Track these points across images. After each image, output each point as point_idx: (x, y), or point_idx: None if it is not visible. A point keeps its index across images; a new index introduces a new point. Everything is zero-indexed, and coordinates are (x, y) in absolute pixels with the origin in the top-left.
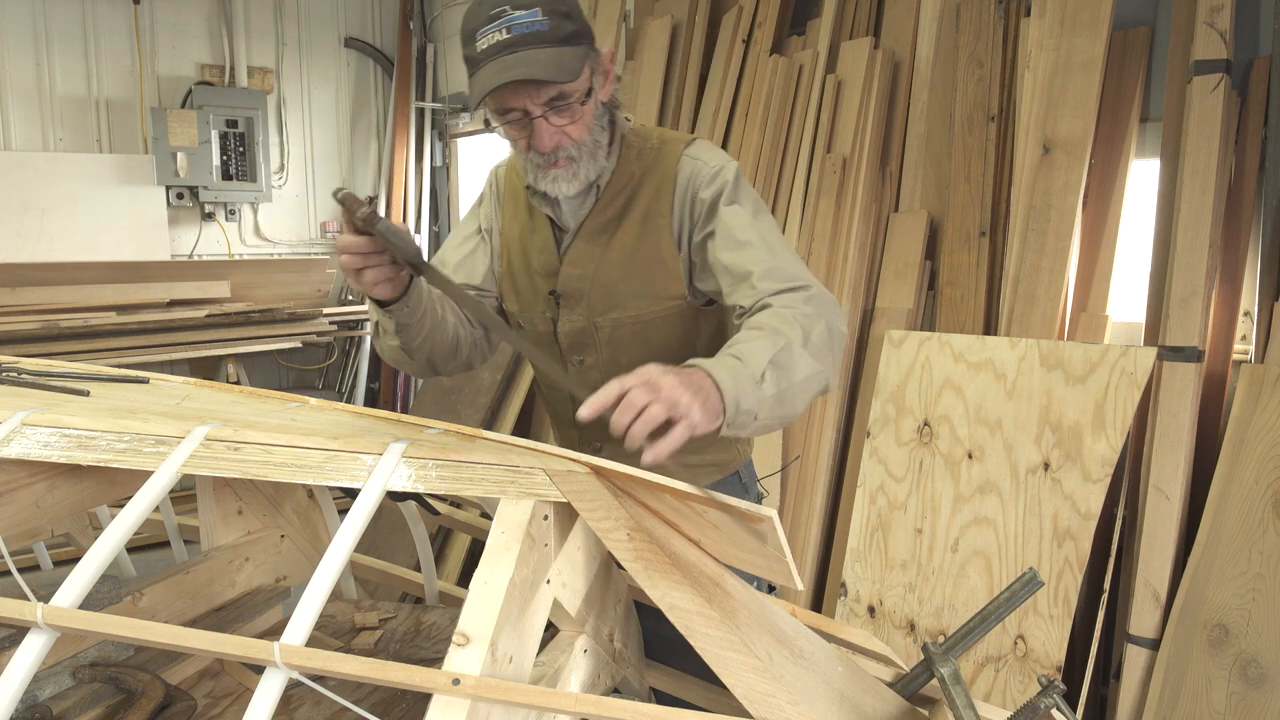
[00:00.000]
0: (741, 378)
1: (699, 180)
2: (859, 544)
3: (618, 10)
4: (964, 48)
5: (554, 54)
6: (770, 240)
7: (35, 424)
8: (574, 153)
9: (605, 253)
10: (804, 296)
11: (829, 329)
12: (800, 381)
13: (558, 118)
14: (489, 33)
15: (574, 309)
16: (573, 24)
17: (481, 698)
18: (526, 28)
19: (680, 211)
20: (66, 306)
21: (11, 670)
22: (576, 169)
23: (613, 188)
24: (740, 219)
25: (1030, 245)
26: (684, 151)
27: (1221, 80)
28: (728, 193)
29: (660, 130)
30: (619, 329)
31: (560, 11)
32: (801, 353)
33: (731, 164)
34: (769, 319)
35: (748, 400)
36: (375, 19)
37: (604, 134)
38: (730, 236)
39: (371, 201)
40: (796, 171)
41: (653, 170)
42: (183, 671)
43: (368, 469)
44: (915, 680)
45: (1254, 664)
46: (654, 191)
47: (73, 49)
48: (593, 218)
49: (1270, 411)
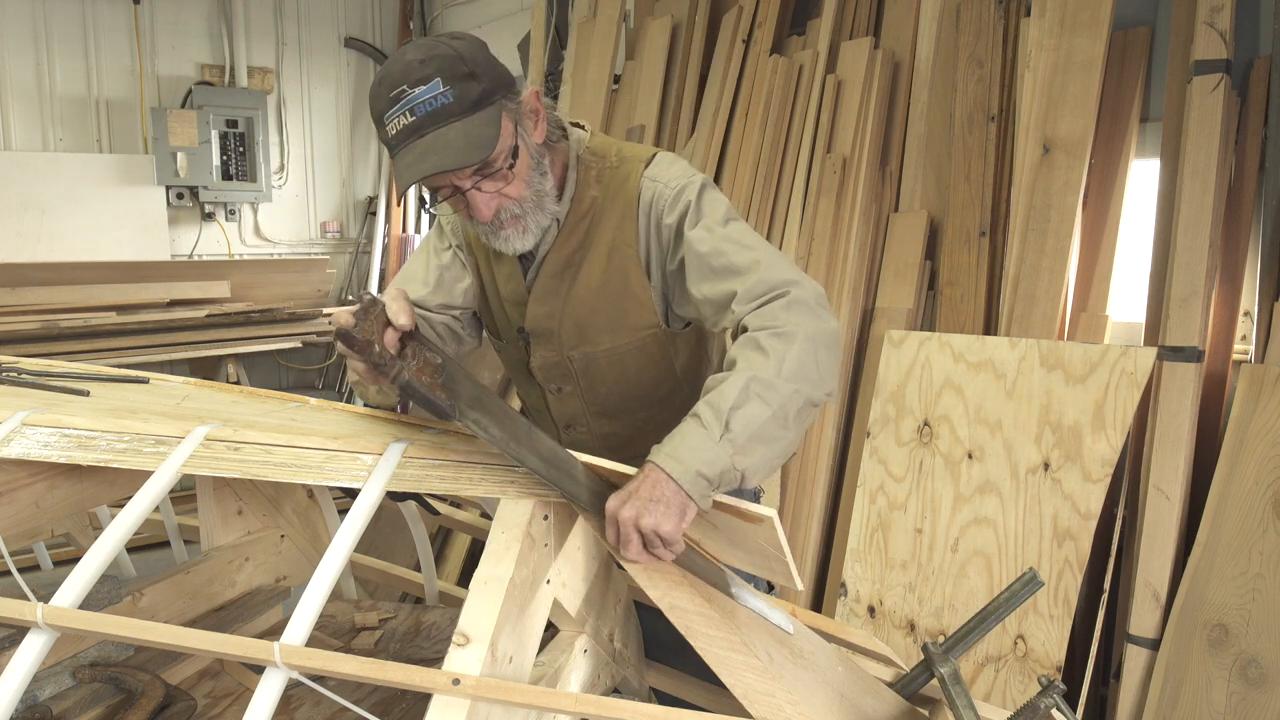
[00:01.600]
0: (698, 446)
1: (661, 205)
2: (859, 544)
3: (618, 10)
4: (964, 48)
5: (463, 129)
6: (743, 249)
7: (35, 424)
8: (517, 210)
9: (572, 288)
10: (783, 304)
11: (810, 339)
12: (775, 411)
13: (490, 184)
14: (394, 116)
15: (545, 345)
16: (479, 83)
17: (481, 698)
18: (430, 105)
19: (646, 240)
20: (66, 306)
21: (11, 670)
22: (525, 223)
23: (573, 216)
24: (708, 242)
25: (1030, 245)
26: (644, 173)
27: (1221, 80)
28: (691, 214)
29: (619, 145)
30: (593, 362)
31: (461, 74)
32: (770, 381)
33: (694, 180)
34: (739, 353)
35: (715, 465)
36: (375, 19)
37: (545, 179)
38: (704, 265)
39: (374, 304)
40: (796, 171)
41: (613, 196)
42: (183, 671)
43: (368, 469)
44: (915, 680)
45: (1254, 664)
46: (617, 221)
47: (73, 49)
48: (555, 251)
49: (1270, 411)
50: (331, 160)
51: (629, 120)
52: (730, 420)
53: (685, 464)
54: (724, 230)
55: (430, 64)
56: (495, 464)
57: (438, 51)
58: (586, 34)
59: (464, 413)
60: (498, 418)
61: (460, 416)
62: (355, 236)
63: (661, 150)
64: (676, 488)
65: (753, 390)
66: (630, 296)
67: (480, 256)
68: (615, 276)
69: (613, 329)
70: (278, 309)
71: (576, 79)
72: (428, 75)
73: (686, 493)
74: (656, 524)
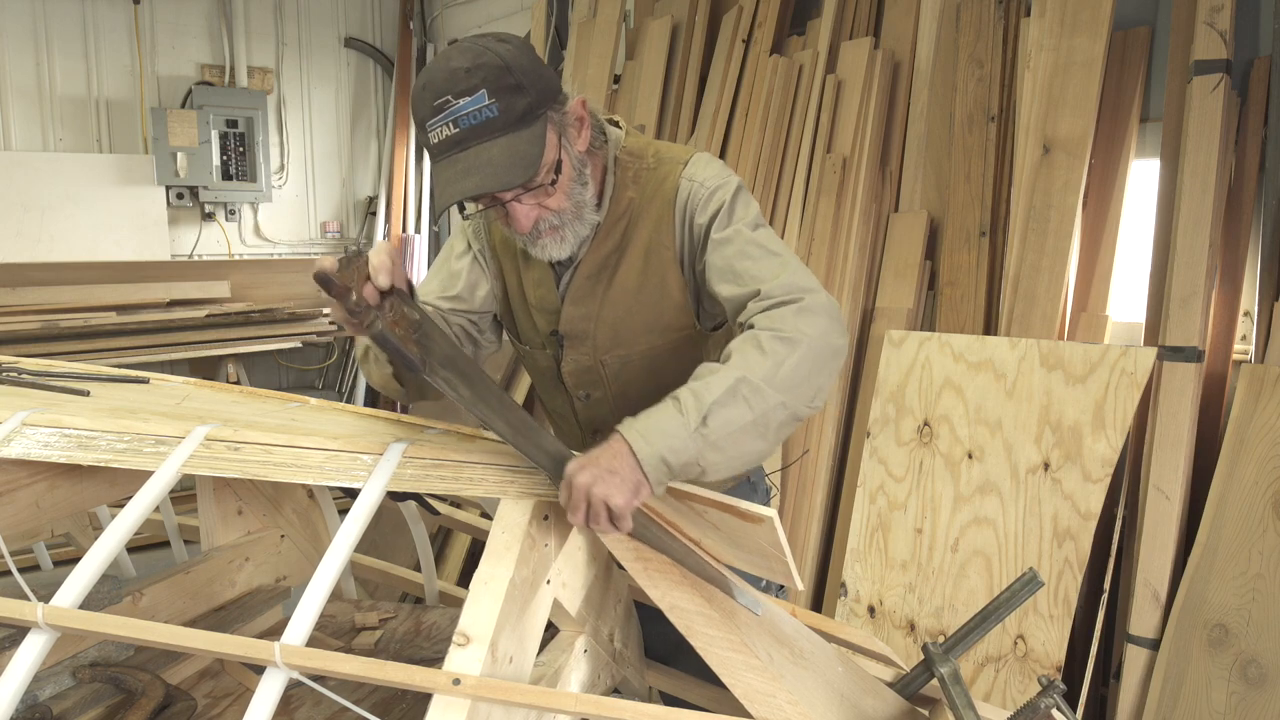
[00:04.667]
0: (671, 431)
1: (695, 203)
2: (859, 544)
3: (618, 10)
4: (964, 48)
5: (508, 146)
6: (769, 255)
7: (35, 424)
8: (556, 221)
9: (609, 290)
10: (795, 309)
11: (813, 351)
12: (757, 418)
13: (530, 197)
14: (437, 126)
15: (578, 349)
16: (525, 97)
17: (481, 698)
18: (474, 118)
19: (681, 238)
20: (66, 306)
21: (11, 670)
22: (563, 234)
23: (610, 218)
24: (736, 244)
25: (1030, 245)
26: (682, 174)
27: (1221, 80)
28: (724, 215)
29: (657, 145)
30: (627, 365)
31: (508, 86)
32: (759, 386)
33: (730, 181)
34: (739, 347)
35: (681, 454)
36: (375, 19)
37: (586, 189)
38: (727, 268)
39: (359, 256)
40: (796, 171)
41: (651, 196)
42: (183, 671)
43: (368, 469)
44: (915, 680)
45: (1254, 664)
46: (654, 221)
47: (73, 49)
48: (591, 252)
49: (1270, 411)
50: (331, 160)
51: (629, 120)
52: (709, 415)
53: (653, 445)
54: (752, 235)
55: (476, 74)
56: (495, 464)
57: (484, 60)
58: (586, 34)
59: (434, 369)
60: (469, 379)
61: (430, 372)
62: (355, 236)
63: (700, 151)
64: (635, 465)
65: (741, 391)
66: (667, 297)
67: (507, 261)
68: (653, 278)
69: (649, 330)
70: (278, 309)
71: (576, 79)
72: (473, 86)
73: (645, 473)
74: (608, 495)
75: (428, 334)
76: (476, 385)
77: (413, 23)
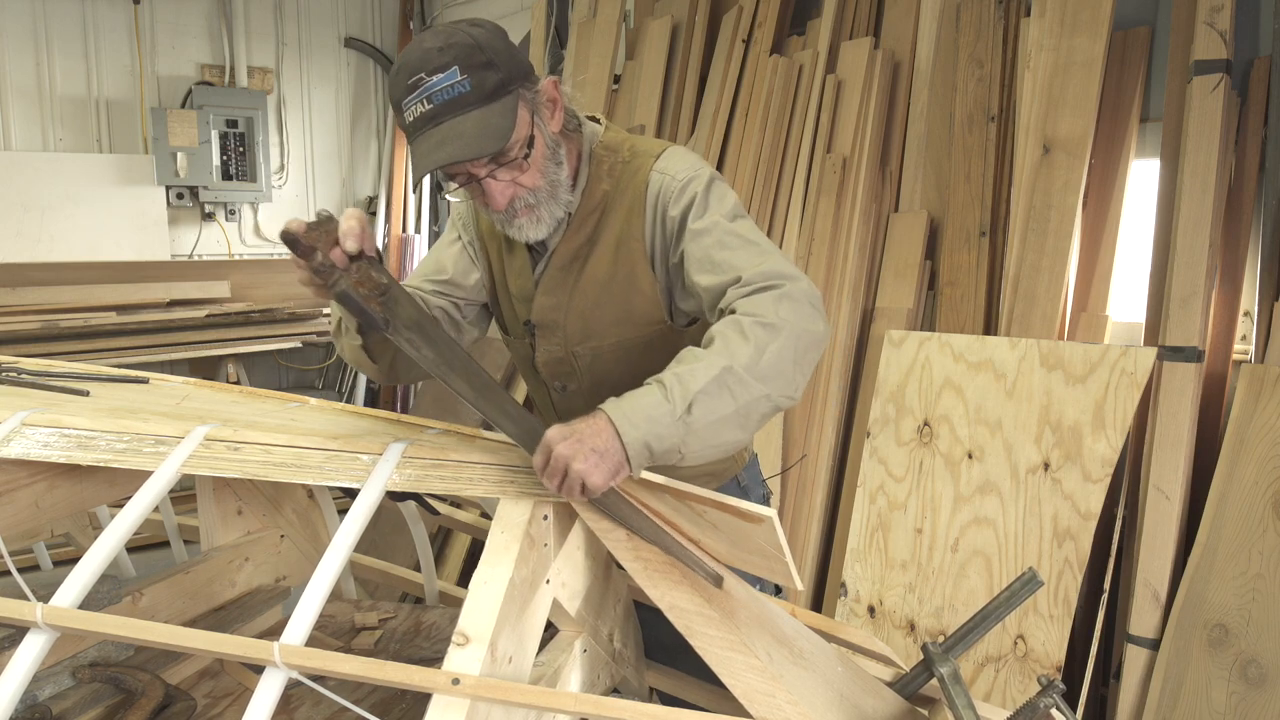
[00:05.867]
0: (656, 417)
1: (667, 197)
2: (859, 544)
3: (618, 10)
4: (964, 48)
5: (480, 119)
6: (747, 244)
7: (35, 424)
8: (531, 200)
9: (579, 281)
10: (775, 295)
11: (794, 338)
12: (740, 408)
13: (505, 173)
14: (411, 104)
15: (550, 339)
16: (496, 73)
17: (481, 698)
18: (447, 93)
19: (652, 233)
20: (66, 306)
21: (11, 670)
22: (539, 213)
23: (582, 210)
24: (713, 234)
25: (1030, 245)
26: (653, 166)
27: (1221, 80)
28: (697, 206)
29: (632, 140)
30: (598, 357)
31: (479, 63)
32: (743, 376)
33: (702, 173)
34: (721, 331)
35: (664, 440)
36: (375, 19)
37: (561, 169)
38: (704, 257)
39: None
40: (796, 171)
41: (623, 189)
42: (183, 671)
43: (368, 469)
44: (915, 680)
45: (1254, 664)
46: (625, 214)
47: (73, 49)
48: (564, 244)
49: (1270, 411)
50: (331, 160)
51: (629, 120)
52: (695, 404)
53: (638, 429)
54: (730, 225)
55: (448, 52)
56: (495, 464)
57: (456, 39)
58: (586, 34)
59: (398, 330)
60: (433, 342)
61: (394, 333)
62: None
63: (674, 144)
64: (620, 447)
65: (726, 381)
66: (636, 291)
67: (493, 251)
68: (622, 270)
69: (619, 323)
70: (278, 309)
71: (576, 79)
72: (445, 63)
73: (627, 456)
74: (587, 472)
75: (394, 297)
76: (441, 348)
77: (413, 23)
